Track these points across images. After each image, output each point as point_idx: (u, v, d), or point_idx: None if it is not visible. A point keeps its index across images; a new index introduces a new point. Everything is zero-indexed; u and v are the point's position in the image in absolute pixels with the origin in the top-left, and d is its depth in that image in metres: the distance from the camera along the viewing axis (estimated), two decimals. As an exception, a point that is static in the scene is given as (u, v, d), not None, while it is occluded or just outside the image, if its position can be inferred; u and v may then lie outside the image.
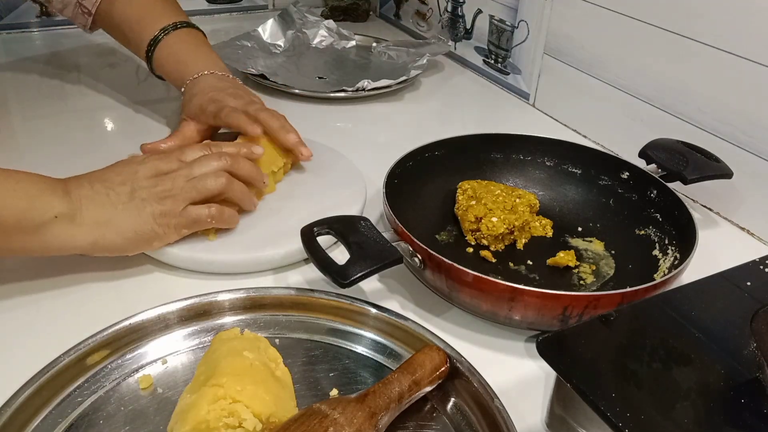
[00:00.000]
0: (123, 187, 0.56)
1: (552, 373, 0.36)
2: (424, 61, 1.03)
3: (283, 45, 1.14)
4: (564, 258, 0.62)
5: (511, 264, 0.63)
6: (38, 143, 0.81)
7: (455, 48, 1.16)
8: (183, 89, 0.77)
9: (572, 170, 0.72)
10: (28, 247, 0.52)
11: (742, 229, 0.73)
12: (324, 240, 0.56)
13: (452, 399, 0.47)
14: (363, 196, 0.70)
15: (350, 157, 0.77)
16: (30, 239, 0.52)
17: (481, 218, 0.63)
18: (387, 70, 1.07)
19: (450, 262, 0.52)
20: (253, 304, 0.54)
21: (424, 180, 0.70)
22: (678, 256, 0.59)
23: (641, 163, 0.70)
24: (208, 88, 0.75)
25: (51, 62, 1.06)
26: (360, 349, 0.52)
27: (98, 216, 0.54)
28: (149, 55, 0.79)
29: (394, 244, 0.55)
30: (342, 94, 0.96)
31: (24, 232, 0.51)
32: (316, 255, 0.53)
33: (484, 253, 0.64)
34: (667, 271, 0.59)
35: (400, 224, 0.56)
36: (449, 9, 1.15)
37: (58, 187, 0.54)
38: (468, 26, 1.11)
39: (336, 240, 0.57)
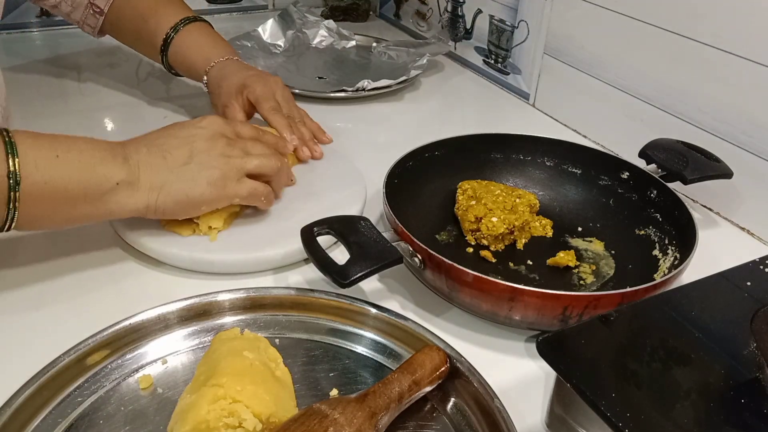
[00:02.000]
0: (180, 150, 0.57)
1: (552, 373, 0.36)
2: (424, 61, 1.03)
3: (283, 45, 1.14)
4: (564, 258, 0.62)
5: (511, 264, 0.63)
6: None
7: (455, 48, 1.16)
8: (206, 78, 0.80)
9: (572, 170, 0.72)
10: (90, 215, 0.54)
11: (742, 229, 0.73)
12: (324, 240, 0.56)
13: (452, 399, 0.47)
14: (363, 196, 0.70)
15: (350, 157, 0.77)
16: (93, 207, 0.53)
17: (481, 218, 0.63)
18: (387, 70, 1.07)
19: (450, 262, 0.52)
20: (253, 304, 0.54)
21: (424, 180, 0.70)
22: (678, 256, 0.59)
23: (641, 163, 0.70)
24: (236, 71, 0.78)
25: (51, 62, 1.06)
26: (360, 349, 0.52)
27: (153, 180, 0.55)
28: (165, 49, 0.81)
29: (394, 244, 0.55)
30: (342, 94, 0.96)
31: (88, 201, 0.53)
32: (316, 255, 0.53)
33: (484, 253, 0.64)
34: (667, 271, 0.59)
35: (400, 224, 0.56)
36: (449, 9, 1.15)
37: (118, 153, 0.55)
38: (468, 26, 1.11)
39: (336, 240, 0.57)
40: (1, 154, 0.48)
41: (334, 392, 0.48)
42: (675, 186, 0.66)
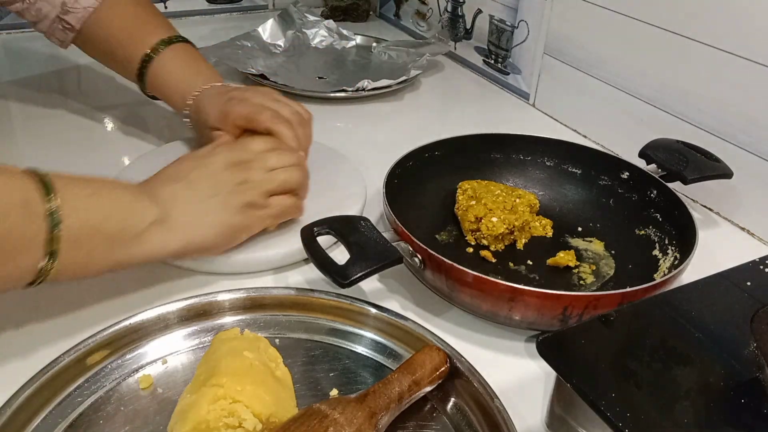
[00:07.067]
0: (202, 182, 0.55)
1: (552, 373, 0.36)
2: (424, 61, 1.03)
3: (283, 45, 1.14)
4: (564, 258, 0.62)
5: (511, 264, 0.63)
6: (38, 143, 0.81)
7: (455, 48, 1.16)
8: (187, 109, 0.71)
9: (572, 170, 0.72)
10: (124, 259, 0.51)
11: (742, 229, 0.73)
12: (324, 240, 0.56)
13: (452, 399, 0.47)
14: (363, 196, 0.70)
15: (350, 157, 0.77)
16: (128, 249, 0.50)
17: (481, 218, 0.63)
18: (387, 70, 1.07)
19: (450, 262, 0.52)
20: (253, 304, 0.54)
21: (424, 180, 0.70)
22: (678, 256, 0.59)
23: (641, 163, 0.70)
24: (213, 98, 0.68)
25: (51, 62, 1.06)
26: (360, 349, 0.52)
27: (187, 214, 0.53)
28: (142, 72, 0.74)
29: (394, 244, 0.55)
30: (342, 94, 0.96)
31: (124, 242, 0.50)
32: (316, 255, 0.53)
33: (484, 253, 0.64)
34: (667, 271, 0.59)
35: (400, 224, 0.56)
36: (449, 9, 1.15)
37: (143, 192, 0.53)
38: (468, 26, 1.11)
39: (336, 240, 0.57)
40: (37, 192, 0.45)
41: (334, 392, 0.48)
42: (675, 186, 0.66)
